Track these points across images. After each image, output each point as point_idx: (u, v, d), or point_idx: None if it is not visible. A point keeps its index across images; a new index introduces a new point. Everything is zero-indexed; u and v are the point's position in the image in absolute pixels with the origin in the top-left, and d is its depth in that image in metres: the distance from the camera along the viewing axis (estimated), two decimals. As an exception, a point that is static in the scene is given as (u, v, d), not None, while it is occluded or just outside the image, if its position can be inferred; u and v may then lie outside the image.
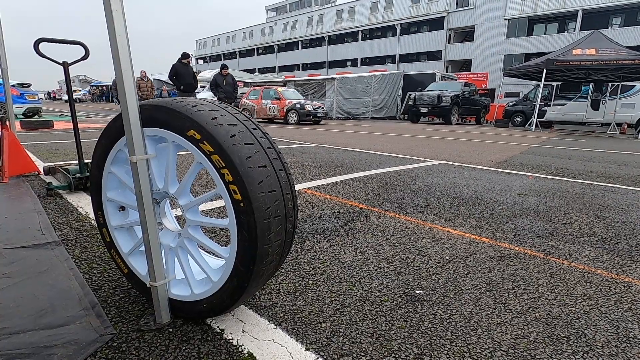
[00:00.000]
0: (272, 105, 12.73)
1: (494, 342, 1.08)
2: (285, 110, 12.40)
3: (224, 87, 8.94)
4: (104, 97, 34.68)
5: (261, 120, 13.28)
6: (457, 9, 30.20)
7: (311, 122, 12.65)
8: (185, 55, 8.02)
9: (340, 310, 1.22)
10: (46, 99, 43.73)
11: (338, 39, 39.73)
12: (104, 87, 34.94)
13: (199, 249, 1.16)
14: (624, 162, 5.36)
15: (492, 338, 1.10)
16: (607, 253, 1.82)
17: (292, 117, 12.33)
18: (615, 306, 1.31)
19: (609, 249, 1.87)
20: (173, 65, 7.91)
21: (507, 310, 1.26)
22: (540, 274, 1.56)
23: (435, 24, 31.90)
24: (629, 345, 1.09)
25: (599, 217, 2.45)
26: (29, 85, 11.39)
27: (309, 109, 12.04)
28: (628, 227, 2.24)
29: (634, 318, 1.24)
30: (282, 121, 12.86)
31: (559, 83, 14.65)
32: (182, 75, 7.92)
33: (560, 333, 1.14)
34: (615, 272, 1.60)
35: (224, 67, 9.05)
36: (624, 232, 2.14)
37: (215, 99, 7.20)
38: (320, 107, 12.56)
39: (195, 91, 9.77)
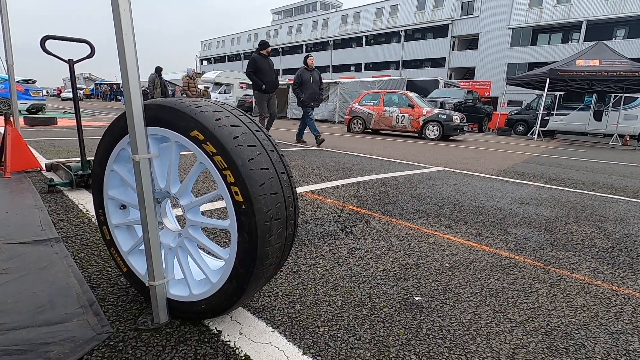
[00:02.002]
0: (400, 115, 10.12)
1: (492, 351, 1.08)
2: (422, 122, 9.80)
3: (311, 86, 6.76)
4: (111, 96, 34.85)
5: (382, 131, 11.14)
6: (462, 17, 30.32)
7: (447, 137, 9.92)
8: (264, 45, 6.23)
9: (339, 315, 1.22)
10: (52, 96, 43.94)
11: (342, 43, 39.89)
12: (114, 86, 35.14)
13: (199, 249, 1.15)
14: (625, 173, 5.35)
15: (491, 347, 1.09)
16: (607, 264, 1.81)
17: (433, 131, 9.68)
18: (616, 318, 1.30)
19: (609, 261, 1.86)
20: (252, 58, 6.17)
21: (507, 320, 1.25)
22: (540, 283, 1.55)
23: (440, 31, 32.02)
24: (628, 358, 1.09)
25: (600, 228, 2.44)
26: (34, 82, 11.45)
27: (457, 122, 9.42)
28: (629, 239, 2.23)
29: (634, 331, 1.23)
30: (414, 135, 10.46)
31: (562, 93, 14.66)
32: (264, 70, 6.13)
33: (560, 344, 1.13)
34: (616, 284, 1.59)
35: (309, 56, 6.88)
36: (625, 244, 2.13)
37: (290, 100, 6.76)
38: (463, 117, 9.99)
39: (210, 91, 9.21)
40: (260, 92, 6.21)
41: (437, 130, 9.62)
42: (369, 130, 11.19)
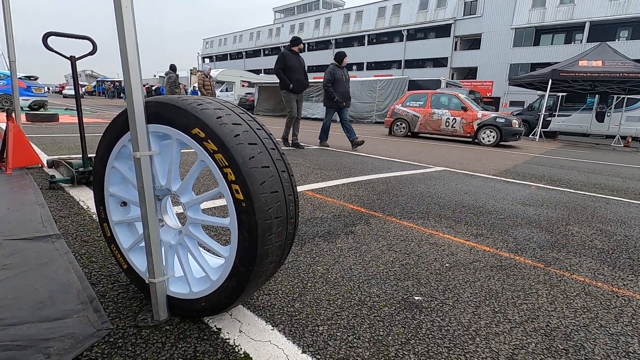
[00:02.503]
0: (451, 117, 9.28)
1: (492, 351, 1.08)
2: (476, 126, 8.94)
3: (344, 84, 6.20)
4: (115, 93, 34.90)
5: (427, 135, 10.33)
6: (465, 17, 30.24)
7: (503, 142, 8.95)
8: (296, 41, 5.76)
9: (338, 314, 1.22)
10: (54, 92, 43.96)
11: (345, 42, 39.82)
12: (117, 83, 35.19)
13: (199, 247, 1.15)
14: (627, 175, 5.34)
15: (490, 347, 1.09)
16: (608, 266, 1.80)
17: (489, 136, 8.78)
18: (615, 320, 1.30)
19: (610, 262, 1.86)
20: (282, 54, 5.71)
21: (506, 320, 1.25)
22: (540, 284, 1.55)
23: (442, 30, 31.94)
24: None
25: (601, 229, 2.43)
26: (36, 78, 11.46)
27: (516, 126, 8.70)
28: (630, 241, 2.23)
29: (634, 333, 1.23)
30: (467, 139, 9.71)
31: (564, 94, 14.62)
32: (294, 68, 5.70)
33: (559, 345, 1.13)
34: (616, 286, 1.59)
35: (345, 54, 6.25)
36: (625, 246, 2.13)
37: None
38: (520, 122, 9.29)
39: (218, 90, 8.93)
40: (288, 92, 5.77)
41: (493, 136, 8.72)
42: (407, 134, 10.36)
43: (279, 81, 5.79)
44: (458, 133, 9.32)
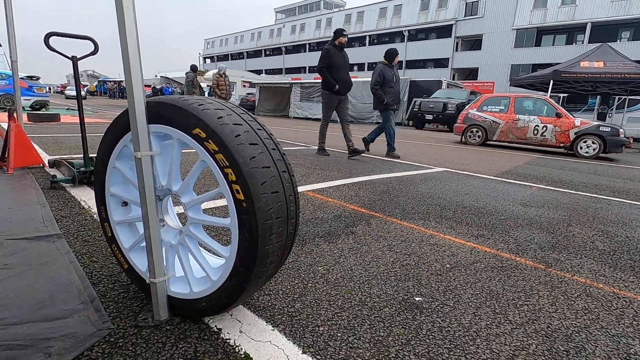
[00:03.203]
0: (540, 125, 8.13)
1: (492, 352, 1.07)
2: (573, 135, 7.75)
3: (395, 86, 5.49)
4: (120, 93, 34.95)
5: (510, 144, 9.16)
6: (466, 18, 30.24)
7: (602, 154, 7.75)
8: (339, 33, 4.96)
9: (339, 315, 1.22)
10: (55, 92, 44.02)
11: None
12: (122, 83, 35.25)
13: (200, 247, 1.16)
14: (628, 176, 5.32)
15: (491, 349, 1.09)
16: (609, 267, 1.80)
17: (590, 147, 7.62)
18: (617, 321, 1.30)
19: (611, 263, 1.85)
20: (326, 50, 4.97)
21: (507, 321, 1.25)
22: (541, 285, 1.54)
23: (443, 31, 31.95)
24: (629, 361, 1.08)
25: (602, 230, 2.43)
26: (38, 78, 11.49)
27: (622, 136, 7.57)
28: (631, 242, 2.22)
29: (635, 334, 1.22)
30: (560, 150, 8.70)
31: (566, 95, 14.60)
32: (339, 67, 4.95)
33: (560, 346, 1.13)
34: (617, 287, 1.58)
35: (396, 52, 5.51)
36: (627, 247, 2.12)
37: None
38: (623, 130, 8.06)
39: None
40: (331, 94, 5.03)
41: (595, 147, 7.57)
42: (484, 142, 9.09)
43: (320, 80, 5.16)
44: (549, 143, 8.09)
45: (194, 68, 10.74)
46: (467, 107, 9.65)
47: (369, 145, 5.89)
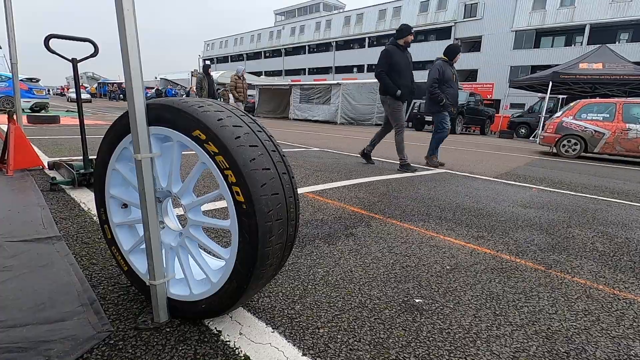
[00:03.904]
0: None
1: (492, 354, 1.07)
2: None
3: (454, 86, 4.89)
4: (121, 95, 34.97)
5: (615, 156, 7.77)
6: (465, 19, 30.33)
7: None
8: (403, 31, 4.41)
9: (339, 316, 1.22)
10: (55, 94, 44.01)
11: (345, 44, 39.92)
12: (121, 85, 35.26)
13: (200, 249, 1.15)
14: (628, 177, 5.33)
15: (491, 350, 1.09)
16: (609, 269, 1.80)
17: None
18: (617, 323, 1.30)
19: (611, 265, 1.85)
20: (385, 50, 4.42)
21: (507, 323, 1.24)
22: (541, 287, 1.54)
23: (443, 33, 32.03)
24: (629, 363, 1.08)
25: (602, 232, 2.43)
26: (38, 80, 11.50)
27: None
28: (631, 243, 2.22)
29: (635, 336, 1.22)
30: None
31: (565, 96, 14.63)
32: (401, 69, 4.36)
33: (560, 348, 1.13)
34: (618, 288, 1.58)
35: (456, 50, 4.96)
36: (627, 248, 2.13)
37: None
38: None
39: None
40: (395, 99, 4.38)
41: None
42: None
43: (380, 85, 4.48)
44: None
45: (205, 68, 9.87)
46: (558, 114, 8.45)
47: (433, 159, 5.13)
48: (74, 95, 29.52)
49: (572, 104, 8.31)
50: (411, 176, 4.11)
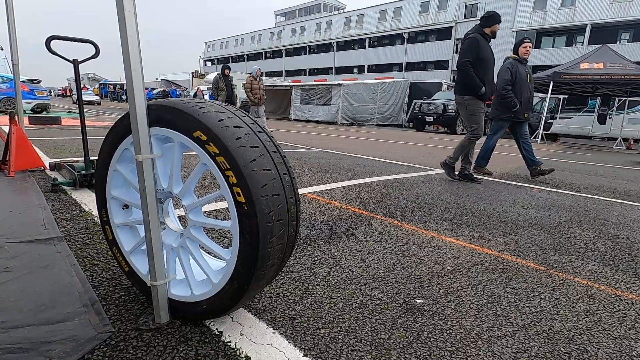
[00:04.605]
0: None
1: (494, 355, 1.07)
2: None
3: (528, 87, 4.27)
4: (121, 96, 35.04)
5: None
6: (465, 20, 30.30)
7: None
8: (490, 19, 3.77)
9: (340, 317, 1.22)
10: (56, 96, 44.09)
11: (346, 45, 39.93)
12: (124, 86, 35.31)
13: (201, 250, 1.15)
14: (629, 177, 5.32)
15: (493, 351, 1.09)
16: (611, 269, 1.80)
17: None
18: (619, 323, 1.29)
19: (613, 265, 1.85)
20: (471, 38, 3.71)
21: (509, 324, 1.24)
22: (542, 287, 1.54)
23: (443, 33, 32.01)
24: (631, 363, 1.08)
25: (604, 232, 2.42)
26: (39, 82, 11.53)
27: None
28: (633, 244, 2.22)
29: (637, 336, 1.22)
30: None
31: (566, 96, 14.61)
32: (487, 63, 3.74)
33: (562, 349, 1.12)
34: (619, 289, 1.58)
35: (527, 41, 4.32)
36: (628, 248, 2.12)
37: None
38: None
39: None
40: (476, 99, 3.74)
41: None
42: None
43: (459, 81, 3.83)
44: None
45: (223, 69, 8.75)
46: None
47: (485, 169, 4.51)
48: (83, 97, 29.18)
49: None
50: (412, 176, 4.11)
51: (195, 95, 19.65)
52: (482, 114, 3.86)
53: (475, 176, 4.05)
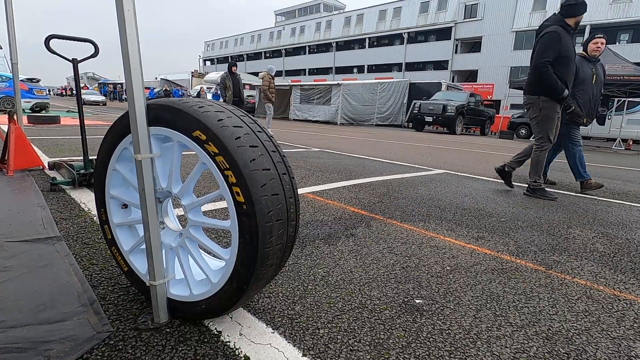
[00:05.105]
0: None
1: (493, 355, 1.07)
2: None
3: (592, 88, 3.87)
4: (121, 96, 34.96)
5: None
6: (465, 20, 30.34)
7: None
8: (580, 10, 3.19)
9: (339, 317, 1.22)
10: (55, 95, 44.03)
11: (345, 45, 39.94)
12: (120, 85, 35.28)
13: (200, 249, 1.15)
14: (628, 178, 5.33)
15: (492, 351, 1.09)
16: (610, 269, 1.80)
17: None
18: (618, 324, 1.30)
19: (611, 265, 1.85)
20: (554, 33, 3.16)
21: (507, 324, 1.24)
22: (541, 288, 1.54)
23: (443, 33, 32.05)
24: (630, 364, 1.08)
25: (603, 232, 2.43)
26: (38, 81, 11.51)
27: None
28: (632, 244, 2.22)
29: (636, 337, 1.22)
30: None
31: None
32: (569, 60, 3.22)
33: (561, 349, 1.12)
34: (618, 289, 1.58)
35: (601, 37, 3.86)
36: (627, 249, 2.12)
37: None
38: None
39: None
40: (553, 102, 3.27)
41: None
42: None
43: (534, 81, 3.33)
44: None
45: (229, 66, 8.19)
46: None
47: (590, 182, 3.92)
48: (86, 97, 25.66)
49: None
50: (411, 177, 4.11)
51: (198, 95, 19.62)
52: (557, 120, 3.37)
53: (547, 190, 3.54)
